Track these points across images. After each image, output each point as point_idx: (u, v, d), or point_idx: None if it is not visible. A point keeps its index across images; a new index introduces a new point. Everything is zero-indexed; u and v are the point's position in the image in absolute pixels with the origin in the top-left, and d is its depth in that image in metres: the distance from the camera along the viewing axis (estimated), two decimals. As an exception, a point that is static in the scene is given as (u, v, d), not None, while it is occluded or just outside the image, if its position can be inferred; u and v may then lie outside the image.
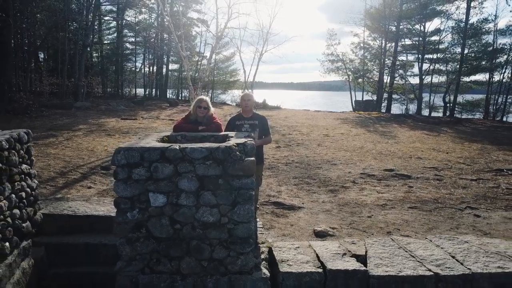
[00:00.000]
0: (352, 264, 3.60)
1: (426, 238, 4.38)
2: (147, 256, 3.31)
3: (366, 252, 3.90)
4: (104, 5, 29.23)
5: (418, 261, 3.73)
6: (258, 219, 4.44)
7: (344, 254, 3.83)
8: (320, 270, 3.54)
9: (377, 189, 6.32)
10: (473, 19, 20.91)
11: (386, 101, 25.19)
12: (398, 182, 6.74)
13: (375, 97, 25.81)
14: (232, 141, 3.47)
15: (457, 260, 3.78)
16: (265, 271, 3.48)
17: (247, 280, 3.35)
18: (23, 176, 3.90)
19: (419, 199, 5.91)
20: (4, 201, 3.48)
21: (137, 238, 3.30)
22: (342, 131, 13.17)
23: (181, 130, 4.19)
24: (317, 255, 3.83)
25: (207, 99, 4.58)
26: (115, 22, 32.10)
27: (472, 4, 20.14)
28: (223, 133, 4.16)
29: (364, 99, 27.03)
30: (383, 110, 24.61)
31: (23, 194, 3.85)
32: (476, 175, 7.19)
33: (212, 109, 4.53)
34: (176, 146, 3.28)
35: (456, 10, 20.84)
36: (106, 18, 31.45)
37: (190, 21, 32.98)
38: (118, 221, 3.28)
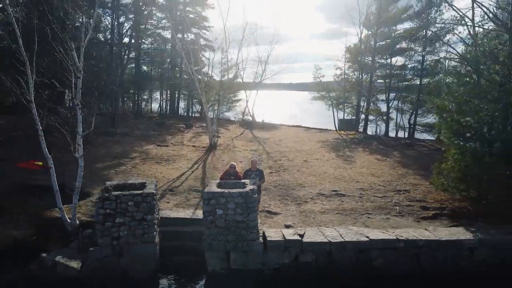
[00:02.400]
0: (296, 237, 8.84)
1: (335, 228, 9.59)
2: (215, 234, 8.54)
3: (304, 233, 9.11)
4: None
5: (325, 236, 8.97)
6: (258, 219, 9.64)
7: (295, 234, 9.06)
8: (283, 239, 8.78)
9: (323, 203, 11.55)
10: (429, 59, 26.11)
11: (363, 122, 30.54)
12: (336, 198, 11.96)
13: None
14: (247, 188, 8.71)
15: (341, 236, 9.01)
16: (261, 240, 8.72)
17: (253, 243, 8.58)
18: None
19: (343, 208, 11.13)
20: (156, 219, 8.73)
21: (210, 227, 8.53)
22: (318, 156, 18.40)
23: (223, 179, 9.43)
24: (283, 234, 9.04)
25: (235, 164, 9.84)
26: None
27: (428, 48, 25.40)
28: (243, 181, 9.38)
29: (346, 118, 32.44)
30: (361, 130, 29.95)
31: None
32: (383, 194, 12.42)
33: (237, 168, 9.79)
34: (226, 191, 8.51)
35: (414, 54, 26.24)
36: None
37: (199, 46, 38.35)
38: (206, 221, 8.52)
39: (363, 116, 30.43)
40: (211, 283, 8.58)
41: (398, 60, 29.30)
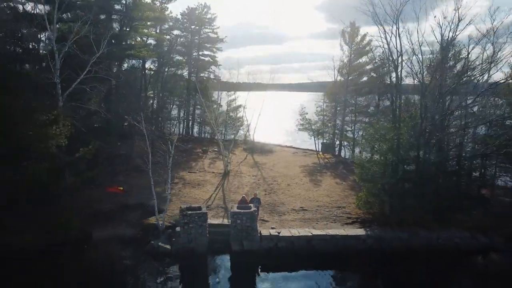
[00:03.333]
0: (276, 234, 17.96)
1: (296, 229, 18.64)
2: (236, 232, 17.63)
3: (280, 232, 18.19)
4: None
5: (291, 233, 18.05)
6: (257, 224, 18.72)
7: (276, 232, 18.17)
8: (269, 235, 17.89)
9: (293, 215, 20.63)
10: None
11: (338, 146, 39.69)
12: (301, 212, 21.03)
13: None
14: (252, 210, 17.85)
15: (299, 232, 18.10)
16: (259, 235, 17.87)
17: (255, 237, 17.72)
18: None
19: (304, 218, 20.19)
20: (207, 225, 17.89)
21: (234, 229, 17.63)
22: (297, 180, 27.47)
23: (240, 203, 18.57)
24: (269, 232, 18.15)
25: (245, 196, 18.99)
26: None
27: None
28: (249, 205, 18.50)
29: (328, 142, 41.45)
30: (337, 153, 39.05)
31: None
32: (329, 209, 21.49)
33: (244, 194, 18.95)
34: (242, 211, 17.64)
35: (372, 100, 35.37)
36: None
37: (208, 76, 47.73)
38: (232, 226, 17.64)
39: (338, 142, 39.58)
40: (233, 256, 17.56)
41: (364, 99, 38.33)
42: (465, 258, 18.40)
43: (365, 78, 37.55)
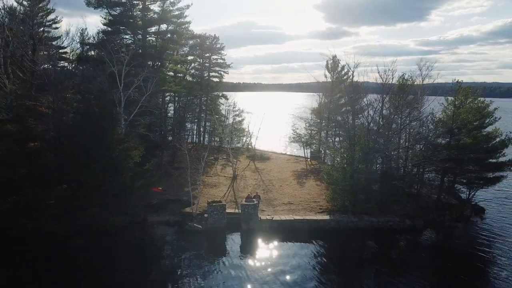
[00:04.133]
0: (270, 218, 27.51)
1: (284, 216, 28.18)
2: (244, 217, 27.23)
3: (273, 217, 27.75)
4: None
5: (280, 218, 27.62)
6: (258, 212, 28.27)
7: (271, 217, 27.74)
8: (266, 219, 27.46)
9: (283, 206, 30.20)
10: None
11: (323, 154, 49.20)
12: (288, 205, 30.59)
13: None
14: (254, 202, 27.45)
15: (285, 217, 27.65)
16: (259, 219, 27.46)
17: (257, 220, 27.29)
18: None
19: (290, 209, 29.75)
20: (225, 212, 27.57)
21: (243, 215, 27.22)
22: (288, 182, 37.02)
23: (246, 199, 28.16)
24: (266, 217, 27.71)
25: (250, 194, 28.60)
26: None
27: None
28: (253, 199, 28.09)
29: (314, 151, 50.90)
30: (322, 160, 48.54)
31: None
32: (308, 203, 31.04)
33: (251, 195, 28.60)
34: (248, 203, 27.22)
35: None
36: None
37: (218, 95, 57.28)
38: (242, 213, 27.25)
39: (323, 151, 49.10)
40: (242, 233, 27.05)
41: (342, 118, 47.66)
42: (395, 235, 27.97)
43: (343, 101, 46.99)
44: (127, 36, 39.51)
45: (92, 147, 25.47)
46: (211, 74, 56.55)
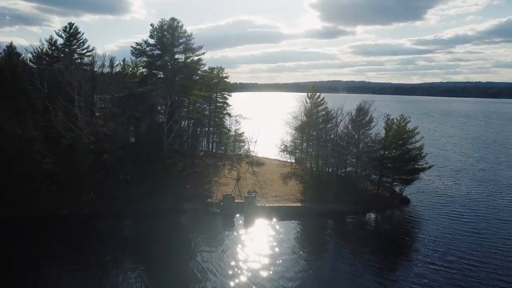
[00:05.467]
0: (263, 205, 42.72)
1: (273, 203, 43.31)
2: (246, 203, 42.42)
3: (265, 204, 42.90)
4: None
5: (269, 204, 42.81)
6: (255, 201, 43.43)
7: (263, 205, 42.90)
8: (260, 206, 42.65)
9: (272, 198, 45.41)
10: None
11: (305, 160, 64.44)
12: (276, 198, 45.78)
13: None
14: (253, 195, 42.68)
15: (272, 204, 42.84)
16: (256, 206, 42.71)
17: (254, 207, 42.48)
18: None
19: (276, 200, 44.94)
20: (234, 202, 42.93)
21: (246, 203, 42.43)
22: (276, 182, 52.26)
23: (248, 193, 43.39)
24: (261, 205, 42.84)
25: (250, 190, 43.88)
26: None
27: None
28: (252, 193, 43.31)
29: (298, 157, 66.06)
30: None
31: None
32: (289, 196, 46.25)
33: (251, 190, 43.94)
34: (249, 195, 42.43)
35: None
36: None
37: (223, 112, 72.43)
38: (245, 201, 42.50)
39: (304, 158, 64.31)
40: (246, 215, 42.12)
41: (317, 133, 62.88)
42: (345, 216, 43.22)
43: (320, 119, 62.09)
44: (161, 75, 54.45)
45: (151, 160, 40.57)
46: (218, 97, 71.74)
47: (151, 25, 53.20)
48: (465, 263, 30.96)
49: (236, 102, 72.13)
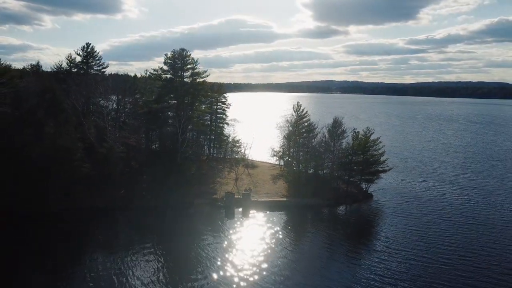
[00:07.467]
0: (258, 199, 54.78)
1: (265, 199, 55.36)
2: (244, 198, 54.49)
3: (258, 199, 54.93)
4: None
5: (262, 200, 54.87)
6: (250, 196, 55.46)
7: (257, 200, 54.97)
8: (254, 200, 54.73)
9: (264, 194, 57.51)
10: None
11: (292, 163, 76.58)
12: (268, 194, 57.89)
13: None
14: (249, 192, 54.80)
15: (264, 199, 54.90)
16: (251, 200, 54.82)
17: (250, 201, 54.56)
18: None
19: (268, 196, 57.02)
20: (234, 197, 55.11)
21: (244, 197, 54.51)
22: (267, 182, 64.36)
23: (244, 191, 55.50)
24: (255, 199, 54.87)
25: (246, 188, 56.02)
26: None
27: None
28: (248, 190, 55.42)
29: (286, 161, 78.10)
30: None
31: (234, 195, 55.53)
32: (278, 192, 58.35)
33: (247, 189, 56.11)
34: (246, 192, 54.53)
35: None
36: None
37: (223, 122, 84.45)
38: (243, 196, 54.62)
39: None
40: (243, 208, 54.08)
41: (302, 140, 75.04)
42: (320, 208, 55.44)
43: (303, 130, 74.11)
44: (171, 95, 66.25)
45: (168, 165, 52.38)
46: (218, 105, 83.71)
47: (165, 54, 65.16)
48: (418, 246, 41.35)
49: (231, 105, 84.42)
